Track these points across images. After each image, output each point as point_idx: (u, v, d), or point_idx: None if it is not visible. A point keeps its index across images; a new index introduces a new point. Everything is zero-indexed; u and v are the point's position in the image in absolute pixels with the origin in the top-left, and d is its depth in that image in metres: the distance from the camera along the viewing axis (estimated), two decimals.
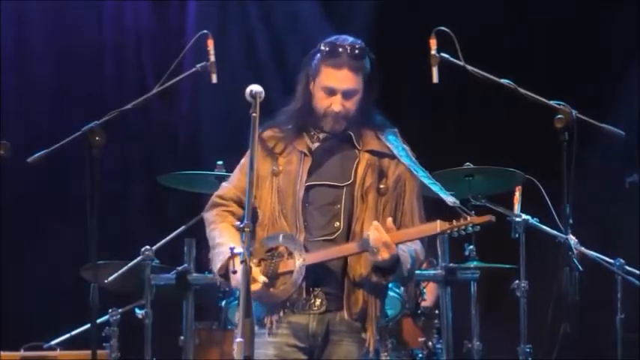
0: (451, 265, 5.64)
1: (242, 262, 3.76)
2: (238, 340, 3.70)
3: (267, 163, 4.17)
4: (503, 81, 4.40)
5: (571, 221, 4.26)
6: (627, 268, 5.46)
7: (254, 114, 3.96)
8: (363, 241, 3.98)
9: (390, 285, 5.82)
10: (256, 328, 4.06)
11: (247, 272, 3.75)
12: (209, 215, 4.27)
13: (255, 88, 4.02)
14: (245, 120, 3.93)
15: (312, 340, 4.07)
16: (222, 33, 7.30)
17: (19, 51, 7.46)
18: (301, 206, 4.09)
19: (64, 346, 6.08)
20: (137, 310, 5.75)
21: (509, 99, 4.47)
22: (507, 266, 5.68)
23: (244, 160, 4.26)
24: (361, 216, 4.10)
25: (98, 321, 5.04)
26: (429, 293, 6.23)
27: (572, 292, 4.15)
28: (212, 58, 4.63)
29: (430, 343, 6.07)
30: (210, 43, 4.63)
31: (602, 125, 4.36)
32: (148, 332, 5.63)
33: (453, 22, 4.44)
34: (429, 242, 5.81)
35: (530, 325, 5.47)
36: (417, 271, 5.83)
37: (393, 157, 4.19)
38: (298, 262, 4.01)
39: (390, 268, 4.03)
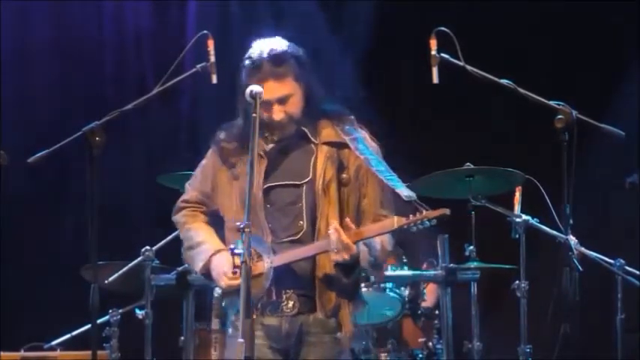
0: (451, 265, 5.64)
1: (242, 262, 3.77)
2: (239, 340, 3.70)
3: (225, 170, 4.21)
4: (503, 81, 4.40)
5: (571, 221, 4.26)
6: (627, 268, 5.46)
7: (254, 114, 3.96)
8: (325, 241, 4.00)
9: (389, 285, 5.89)
10: (230, 330, 4.09)
11: (248, 272, 3.75)
12: (178, 217, 4.31)
13: (255, 88, 4.03)
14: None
15: (286, 341, 4.08)
16: (223, 33, 7.30)
17: (20, 51, 7.46)
18: (263, 208, 4.11)
19: (64, 346, 6.08)
20: (137, 311, 5.75)
21: (509, 99, 4.47)
22: (507, 266, 5.68)
23: (204, 163, 4.31)
24: (325, 211, 4.10)
25: (98, 321, 5.03)
26: (429, 294, 6.23)
27: (572, 292, 4.15)
28: (212, 58, 4.63)
29: (430, 344, 6.08)
30: (211, 44, 4.63)
31: (602, 125, 4.36)
32: (148, 332, 5.63)
33: (452, 23, 4.44)
34: (428, 242, 5.86)
35: (530, 325, 5.47)
36: (417, 272, 5.87)
37: (350, 146, 4.18)
38: (266, 264, 4.02)
39: (351, 267, 4.04)
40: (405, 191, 4.01)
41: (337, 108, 4.26)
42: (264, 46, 4.17)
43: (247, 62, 4.16)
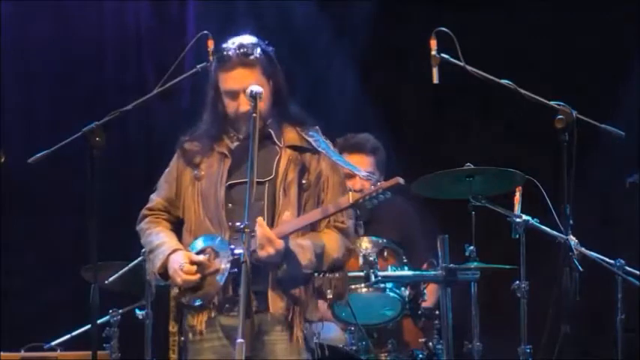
0: (451, 265, 5.63)
1: (242, 262, 3.77)
2: (239, 340, 3.70)
3: (188, 171, 4.25)
4: (504, 81, 4.40)
5: (571, 221, 4.26)
6: (627, 268, 5.46)
7: (254, 114, 3.96)
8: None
9: (390, 286, 5.88)
10: (190, 335, 4.08)
11: (247, 272, 3.75)
12: (142, 225, 4.36)
13: (255, 88, 4.03)
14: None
15: (248, 342, 4.07)
16: (223, 33, 7.29)
17: (20, 51, 7.45)
18: (223, 206, 4.11)
19: (64, 346, 6.07)
20: (137, 311, 5.74)
21: (509, 99, 4.47)
22: (508, 267, 5.68)
23: (168, 170, 4.36)
24: (283, 211, 4.12)
25: (98, 321, 5.03)
26: (430, 294, 6.22)
27: (572, 292, 4.16)
28: (212, 58, 4.62)
29: (430, 344, 6.06)
30: (211, 44, 4.63)
31: (602, 125, 4.36)
32: (148, 333, 5.62)
33: (452, 23, 4.44)
34: (429, 243, 5.86)
35: (530, 326, 5.46)
36: (418, 272, 5.86)
37: (314, 152, 4.21)
38: (224, 262, 4.04)
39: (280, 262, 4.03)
40: (360, 172, 4.13)
41: (302, 114, 4.28)
42: (235, 40, 4.23)
43: (215, 55, 4.24)
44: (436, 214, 6.17)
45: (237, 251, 3.94)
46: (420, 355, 6.00)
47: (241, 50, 4.16)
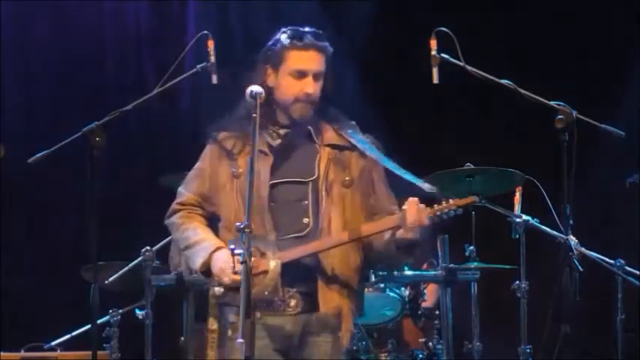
0: (451, 265, 5.64)
1: (242, 262, 3.76)
2: (239, 340, 3.69)
3: (226, 167, 4.15)
4: (504, 81, 4.39)
5: (571, 222, 4.26)
6: (627, 268, 5.46)
7: (254, 114, 3.95)
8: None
9: (389, 285, 5.88)
10: (230, 332, 4.06)
11: (248, 273, 3.75)
12: (174, 219, 4.25)
13: (256, 88, 4.02)
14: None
15: (289, 342, 4.05)
16: (223, 33, 7.30)
17: (20, 51, 7.46)
18: (267, 205, 4.07)
19: (64, 346, 6.08)
20: (137, 311, 5.75)
21: (509, 99, 4.47)
22: (508, 267, 5.69)
23: (201, 165, 4.26)
24: (327, 211, 4.08)
25: (99, 321, 5.03)
26: (430, 294, 6.23)
27: (572, 292, 4.15)
28: (212, 58, 4.62)
29: (430, 344, 6.07)
30: (211, 44, 4.62)
31: (602, 125, 4.36)
32: (148, 333, 5.62)
33: (452, 23, 4.44)
34: (428, 243, 5.86)
35: (530, 326, 5.47)
36: (418, 272, 5.87)
37: (353, 149, 4.17)
38: (272, 262, 3.99)
39: (416, 243, 4.03)
40: (425, 185, 4.03)
41: (338, 112, 4.25)
42: (299, 26, 4.17)
43: (287, 33, 4.14)
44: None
45: (237, 251, 3.90)
46: (420, 355, 6.01)
47: (317, 34, 4.13)
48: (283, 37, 4.14)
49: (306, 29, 4.15)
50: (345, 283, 4.08)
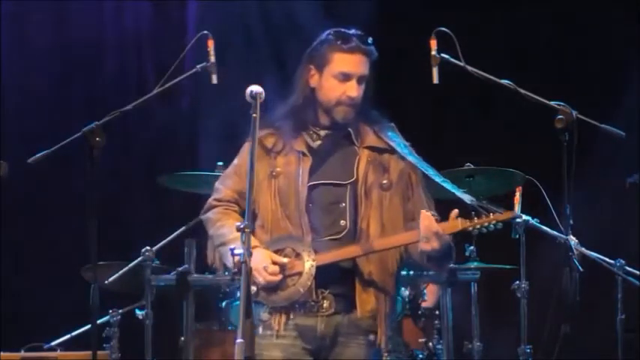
0: (452, 265, 5.64)
1: (242, 262, 3.75)
2: (239, 340, 3.69)
3: (264, 165, 4.11)
4: (504, 81, 4.39)
5: (571, 222, 4.25)
6: (627, 268, 5.46)
7: (254, 114, 3.95)
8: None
9: None
10: (261, 329, 4.04)
11: (247, 273, 3.74)
12: (210, 215, 4.21)
13: (256, 88, 4.01)
14: (245, 121, 3.93)
15: (320, 342, 4.03)
16: (223, 33, 7.30)
17: (20, 51, 7.46)
18: (305, 206, 4.04)
19: (64, 346, 6.07)
20: (137, 311, 5.75)
21: (509, 99, 4.47)
22: (508, 267, 5.69)
23: (239, 162, 4.22)
24: (366, 214, 4.05)
25: (98, 322, 5.03)
26: (430, 294, 6.23)
27: (572, 292, 4.15)
28: (212, 58, 4.62)
29: (430, 344, 6.07)
30: (211, 44, 4.62)
31: (603, 125, 4.35)
32: (148, 333, 5.62)
33: (452, 23, 4.44)
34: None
35: (530, 326, 5.47)
36: (418, 272, 5.86)
37: (393, 152, 4.15)
38: (307, 263, 3.97)
39: (443, 256, 3.99)
40: (465, 195, 4.02)
41: (377, 114, 4.24)
42: (346, 29, 4.15)
43: (334, 35, 4.12)
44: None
45: (237, 251, 3.89)
46: (420, 355, 6.01)
47: (363, 37, 4.12)
48: (329, 38, 4.12)
49: (352, 31, 4.13)
50: (382, 287, 4.06)
